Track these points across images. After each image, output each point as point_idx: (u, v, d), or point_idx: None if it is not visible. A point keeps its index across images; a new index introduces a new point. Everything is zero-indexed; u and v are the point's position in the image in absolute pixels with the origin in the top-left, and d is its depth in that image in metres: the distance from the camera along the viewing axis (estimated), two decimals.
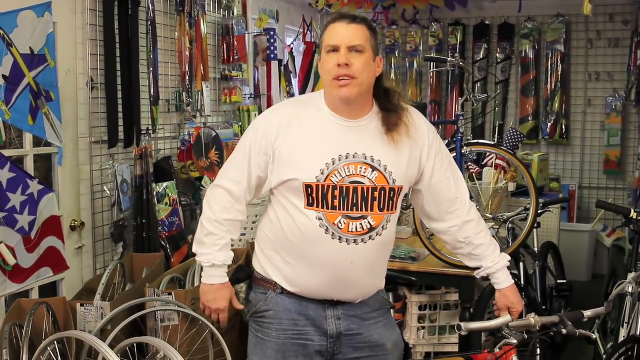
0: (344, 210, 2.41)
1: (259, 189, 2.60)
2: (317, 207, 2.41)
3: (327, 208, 2.40)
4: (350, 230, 2.42)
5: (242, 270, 2.73)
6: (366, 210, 2.43)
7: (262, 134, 2.49)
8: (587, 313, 2.60)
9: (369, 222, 2.44)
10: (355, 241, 2.43)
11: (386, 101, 2.53)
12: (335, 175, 2.40)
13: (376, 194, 2.43)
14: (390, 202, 2.47)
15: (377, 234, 2.47)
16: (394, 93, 2.56)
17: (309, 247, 2.44)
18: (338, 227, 2.41)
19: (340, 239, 2.42)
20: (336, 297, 2.53)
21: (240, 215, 2.61)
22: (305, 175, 2.41)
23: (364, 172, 2.43)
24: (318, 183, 2.40)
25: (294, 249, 2.48)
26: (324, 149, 2.43)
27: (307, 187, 2.40)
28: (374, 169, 2.43)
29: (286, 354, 2.54)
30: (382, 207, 2.45)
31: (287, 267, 2.52)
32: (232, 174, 2.58)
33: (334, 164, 2.41)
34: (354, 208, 2.41)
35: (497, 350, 2.47)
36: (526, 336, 2.46)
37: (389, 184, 2.45)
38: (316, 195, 2.40)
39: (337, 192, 2.40)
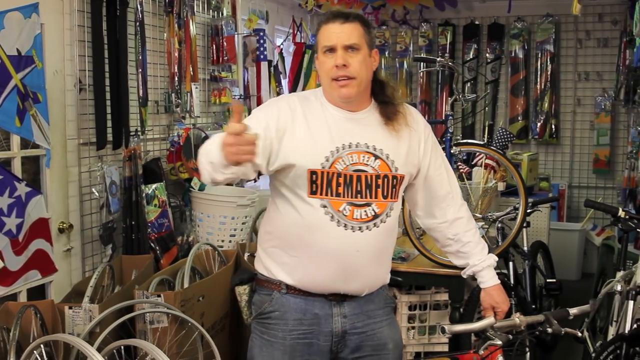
0: (348, 197, 2.43)
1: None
2: (321, 194, 2.42)
3: (332, 195, 2.42)
4: (355, 217, 2.44)
5: (244, 272, 2.71)
6: (370, 197, 2.46)
7: (276, 115, 2.46)
8: (573, 311, 2.60)
9: (373, 209, 2.47)
10: (360, 228, 2.45)
11: (382, 94, 2.58)
12: (340, 163, 2.43)
13: (380, 182, 2.48)
14: (393, 189, 2.51)
15: (381, 221, 2.49)
16: (388, 85, 2.61)
17: (314, 236, 2.44)
18: (343, 214, 2.43)
19: (345, 226, 2.43)
20: (343, 289, 2.53)
21: None
22: (310, 161, 2.42)
23: (367, 161, 2.47)
24: (323, 170, 2.42)
25: (297, 241, 2.48)
26: (327, 138, 2.46)
27: (312, 173, 2.41)
28: (376, 157, 2.48)
29: (294, 354, 2.54)
30: (385, 194, 2.49)
31: (291, 261, 2.51)
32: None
33: (337, 152, 2.44)
34: (359, 195, 2.44)
35: (482, 351, 2.47)
36: (511, 337, 2.46)
37: (391, 171, 2.50)
38: (320, 183, 2.42)
39: (341, 180, 2.43)
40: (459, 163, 4.91)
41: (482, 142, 4.73)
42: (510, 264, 4.70)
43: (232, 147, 2.10)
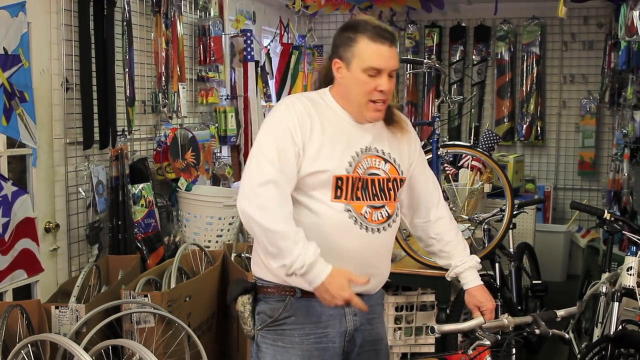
0: (367, 200, 2.46)
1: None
2: (345, 198, 2.42)
3: (354, 199, 2.43)
4: (374, 219, 2.47)
5: (242, 282, 2.58)
6: (384, 199, 2.50)
7: (292, 125, 2.39)
8: (560, 312, 2.62)
9: (386, 211, 2.51)
10: (378, 230, 2.49)
11: None
12: (360, 168, 2.45)
13: (390, 185, 2.52)
14: (398, 191, 2.58)
15: (393, 221, 2.54)
16: None
17: (337, 239, 2.43)
18: (364, 216, 2.45)
19: (366, 228, 2.46)
20: (359, 289, 2.48)
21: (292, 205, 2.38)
22: (335, 166, 2.41)
23: (379, 165, 2.50)
24: (348, 175, 2.42)
25: (318, 245, 2.37)
26: (346, 143, 2.45)
27: (338, 179, 2.41)
28: (386, 161, 2.52)
29: (311, 359, 2.50)
30: (395, 196, 2.55)
31: None
32: (268, 166, 2.34)
33: (357, 156, 2.45)
34: (375, 198, 2.48)
35: (470, 351, 2.48)
36: (499, 337, 2.48)
37: (399, 175, 2.55)
38: (345, 187, 2.42)
39: (360, 184, 2.45)
40: (446, 164, 4.93)
41: (468, 144, 4.73)
42: (497, 265, 4.72)
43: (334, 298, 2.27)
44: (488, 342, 2.44)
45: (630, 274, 3.75)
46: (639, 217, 5.50)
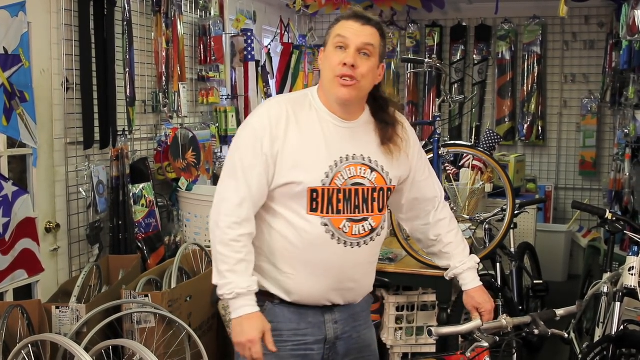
0: (347, 213, 2.36)
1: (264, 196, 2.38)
2: (322, 212, 2.33)
3: (332, 213, 2.34)
4: (354, 233, 2.38)
5: None
6: (367, 211, 2.40)
7: (260, 135, 2.32)
8: (560, 312, 2.60)
9: (370, 224, 2.41)
10: (358, 244, 2.40)
11: (384, 113, 2.49)
12: (339, 178, 2.34)
13: (375, 195, 2.41)
14: (386, 201, 2.47)
15: (376, 235, 2.45)
16: (392, 104, 2.52)
17: (313, 254, 2.36)
18: (343, 231, 2.36)
19: (345, 243, 2.37)
20: (337, 301, 2.48)
21: (252, 227, 2.37)
22: (310, 178, 2.31)
23: (364, 173, 2.39)
24: (324, 187, 2.32)
25: (294, 258, 2.38)
26: (324, 151, 2.35)
27: (313, 191, 2.31)
28: (372, 169, 2.41)
29: None
30: (381, 207, 2.44)
31: (285, 278, 2.41)
32: (234, 181, 2.35)
33: (336, 166, 2.35)
34: (357, 210, 2.38)
35: (469, 353, 2.46)
36: (497, 338, 2.46)
37: (386, 184, 2.44)
38: (321, 200, 2.32)
39: (341, 196, 2.35)
40: (447, 164, 4.92)
41: (469, 144, 4.73)
42: (498, 265, 4.72)
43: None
44: (486, 344, 2.42)
45: (632, 274, 3.75)
46: None
